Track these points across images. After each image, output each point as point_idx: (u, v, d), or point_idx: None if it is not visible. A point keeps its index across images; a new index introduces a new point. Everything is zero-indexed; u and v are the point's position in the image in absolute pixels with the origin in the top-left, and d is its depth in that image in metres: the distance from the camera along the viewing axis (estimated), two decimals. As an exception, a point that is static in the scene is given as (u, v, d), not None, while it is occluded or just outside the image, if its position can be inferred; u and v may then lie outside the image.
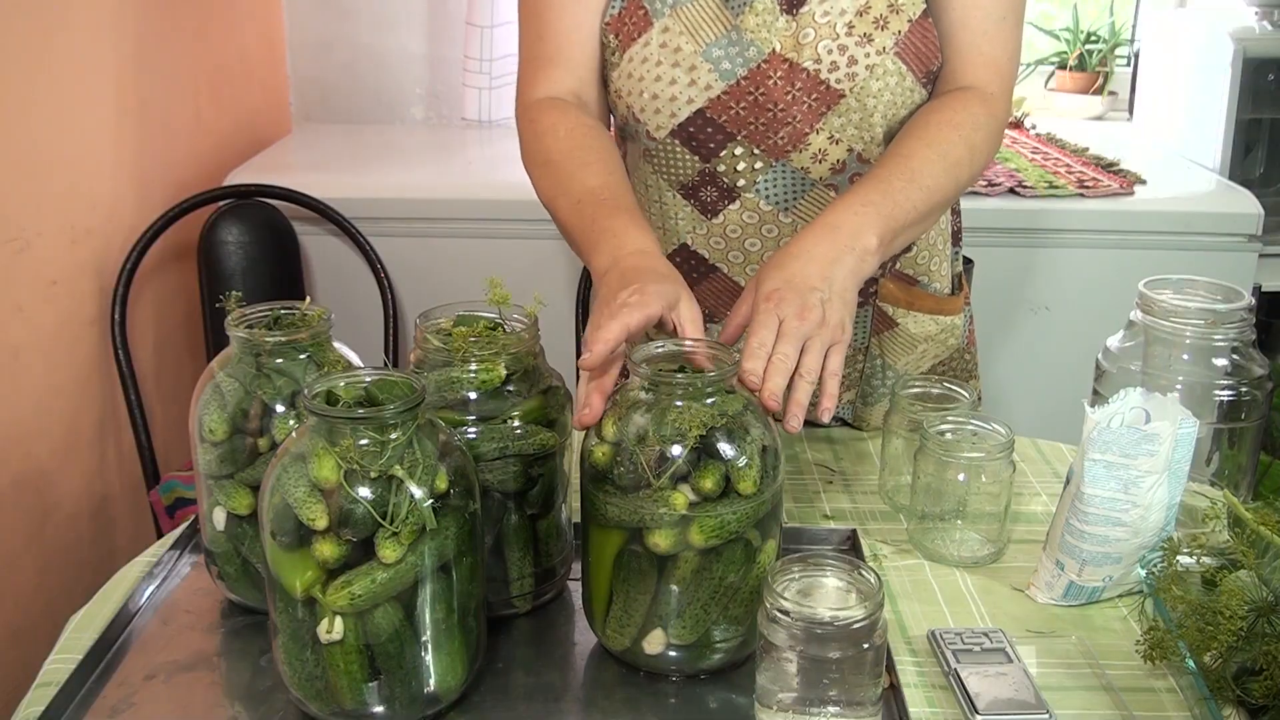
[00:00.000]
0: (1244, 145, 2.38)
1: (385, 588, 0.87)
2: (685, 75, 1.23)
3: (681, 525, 0.91)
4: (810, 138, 1.25)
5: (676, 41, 1.22)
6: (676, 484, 0.91)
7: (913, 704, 0.93)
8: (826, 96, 1.23)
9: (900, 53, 1.22)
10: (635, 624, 0.96)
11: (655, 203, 1.34)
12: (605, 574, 0.96)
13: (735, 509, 0.92)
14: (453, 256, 2.22)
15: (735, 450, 0.92)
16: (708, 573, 0.93)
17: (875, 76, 1.22)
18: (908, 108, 1.25)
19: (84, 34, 1.83)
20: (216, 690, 0.98)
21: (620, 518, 0.93)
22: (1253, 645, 0.89)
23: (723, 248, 1.32)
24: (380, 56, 2.79)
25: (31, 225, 1.67)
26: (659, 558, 0.93)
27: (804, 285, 1.03)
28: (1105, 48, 2.90)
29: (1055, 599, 1.07)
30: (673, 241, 1.34)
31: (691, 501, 0.91)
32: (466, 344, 1.00)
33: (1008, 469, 1.12)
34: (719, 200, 1.30)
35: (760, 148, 1.25)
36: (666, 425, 0.91)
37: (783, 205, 1.29)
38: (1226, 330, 1.13)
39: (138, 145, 2.01)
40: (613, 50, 1.26)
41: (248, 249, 2.11)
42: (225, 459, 1.02)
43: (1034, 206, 2.18)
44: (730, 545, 0.93)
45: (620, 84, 1.26)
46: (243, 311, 1.05)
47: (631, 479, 0.92)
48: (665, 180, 1.31)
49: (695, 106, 1.24)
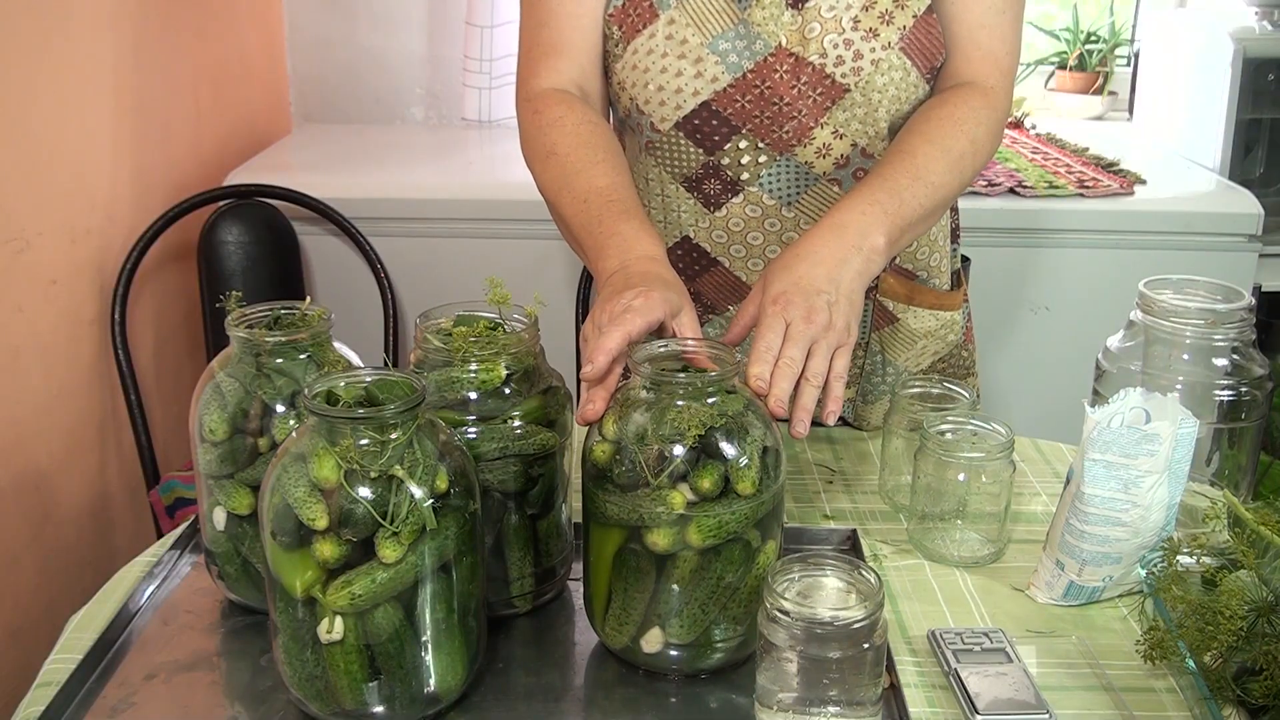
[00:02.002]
0: (1244, 145, 2.38)
1: (385, 588, 0.87)
2: (691, 67, 1.23)
3: (680, 525, 0.91)
4: (815, 132, 1.25)
5: (683, 34, 1.22)
6: (675, 483, 0.91)
7: (913, 704, 0.93)
8: (831, 91, 1.23)
9: (905, 48, 1.22)
10: (634, 622, 0.96)
11: (657, 195, 1.33)
12: (605, 572, 0.96)
13: (734, 509, 0.92)
14: (453, 256, 2.22)
15: (735, 450, 0.92)
16: (706, 572, 0.93)
17: (880, 71, 1.22)
18: (912, 103, 1.26)
19: (84, 34, 1.83)
20: (216, 690, 0.98)
21: (619, 516, 0.93)
22: (1253, 645, 0.89)
23: (725, 241, 1.32)
24: (380, 56, 2.79)
25: (31, 225, 1.67)
26: (658, 557, 0.93)
27: (811, 288, 1.03)
28: (1105, 48, 2.90)
29: (1055, 599, 1.07)
30: (674, 234, 1.34)
31: (690, 501, 0.91)
32: (466, 344, 1.00)
33: (1008, 469, 1.12)
34: (722, 194, 1.30)
35: (765, 141, 1.25)
36: (666, 424, 0.91)
37: (786, 200, 1.29)
38: (1226, 330, 1.13)
39: (138, 145, 2.01)
40: (616, 42, 1.25)
41: (248, 249, 2.11)
42: (225, 459, 1.02)
43: (1034, 206, 2.18)
44: (729, 545, 0.93)
45: (624, 75, 1.26)
46: (243, 311, 1.05)
47: (631, 478, 0.92)
48: (668, 173, 1.31)
49: (701, 99, 1.24)
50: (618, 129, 1.37)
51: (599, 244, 1.09)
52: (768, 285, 1.05)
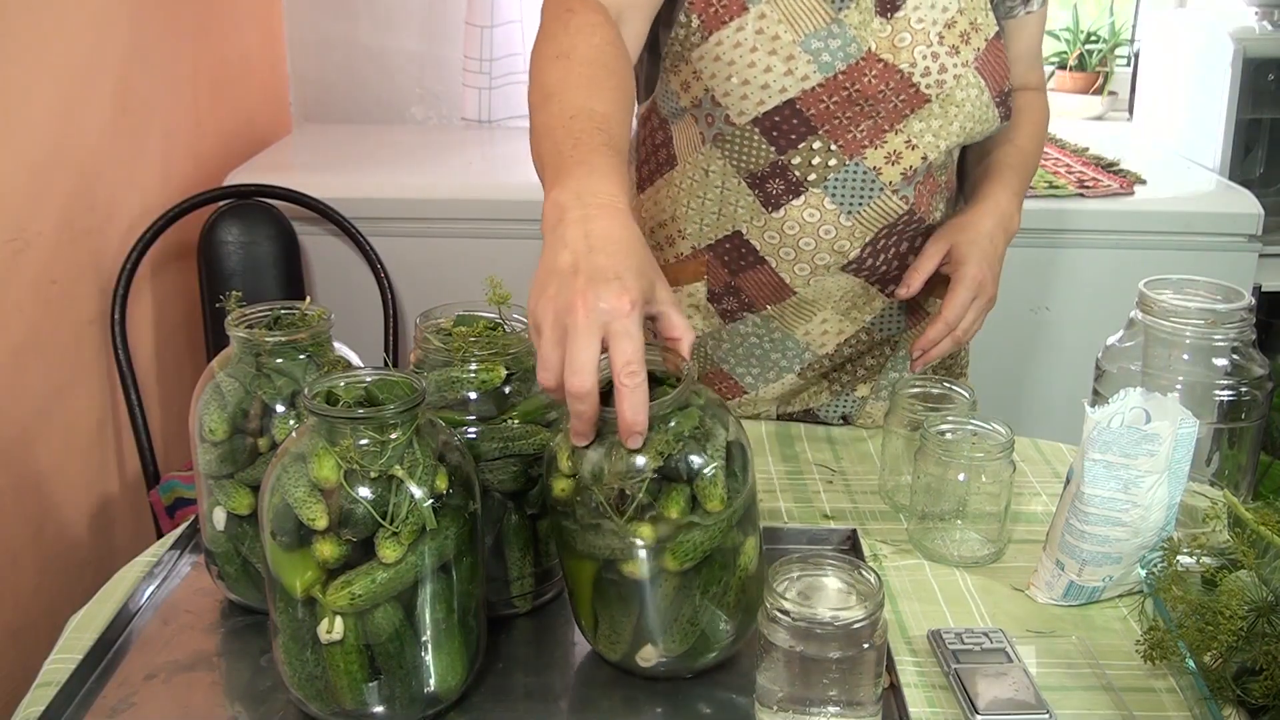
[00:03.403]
0: (1244, 145, 2.38)
1: (385, 588, 0.87)
2: (782, 64, 1.22)
3: (654, 552, 0.89)
4: (888, 136, 1.26)
5: (774, 29, 1.22)
6: (644, 515, 0.87)
7: (913, 704, 0.93)
8: (913, 99, 1.25)
9: (980, 67, 1.27)
10: (625, 640, 0.95)
11: (716, 188, 1.32)
12: (586, 598, 0.95)
13: (707, 526, 0.89)
14: (453, 256, 2.22)
15: (699, 465, 0.88)
16: (690, 589, 0.91)
17: (960, 87, 1.26)
18: (983, 123, 1.30)
19: (84, 34, 1.83)
20: (216, 690, 0.98)
21: (590, 551, 0.91)
22: (1253, 645, 0.89)
23: (776, 242, 1.32)
24: (380, 56, 2.79)
25: (31, 225, 1.67)
26: (637, 582, 0.91)
27: (994, 272, 1.30)
28: (1105, 48, 2.90)
29: (1055, 599, 1.07)
30: (726, 227, 1.33)
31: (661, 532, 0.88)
32: (466, 344, 1.00)
33: (1008, 469, 1.12)
34: (784, 194, 1.29)
35: (838, 143, 1.26)
36: (621, 460, 0.86)
37: (847, 208, 1.29)
38: (1226, 330, 1.13)
39: (138, 145, 2.01)
40: (693, 31, 1.24)
41: (248, 249, 2.12)
42: (225, 459, 1.02)
43: (1034, 206, 2.18)
44: (708, 561, 0.91)
45: (702, 66, 1.25)
46: (243, 311, 1.05)
47: (595, 517, 0.89)
48: (733, 166, 1.30)
49: (787, 96, 1.24)
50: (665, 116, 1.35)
51: (564, 166, 0.95)
52: (965, 259, 1.27)
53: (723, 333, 1.40)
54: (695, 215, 1.34)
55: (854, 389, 1.46)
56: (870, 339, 1.41)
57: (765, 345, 1.40)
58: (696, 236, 1.35)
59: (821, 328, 1.38)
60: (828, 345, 1.40)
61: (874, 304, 1.38)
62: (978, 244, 1.28)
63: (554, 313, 0.84)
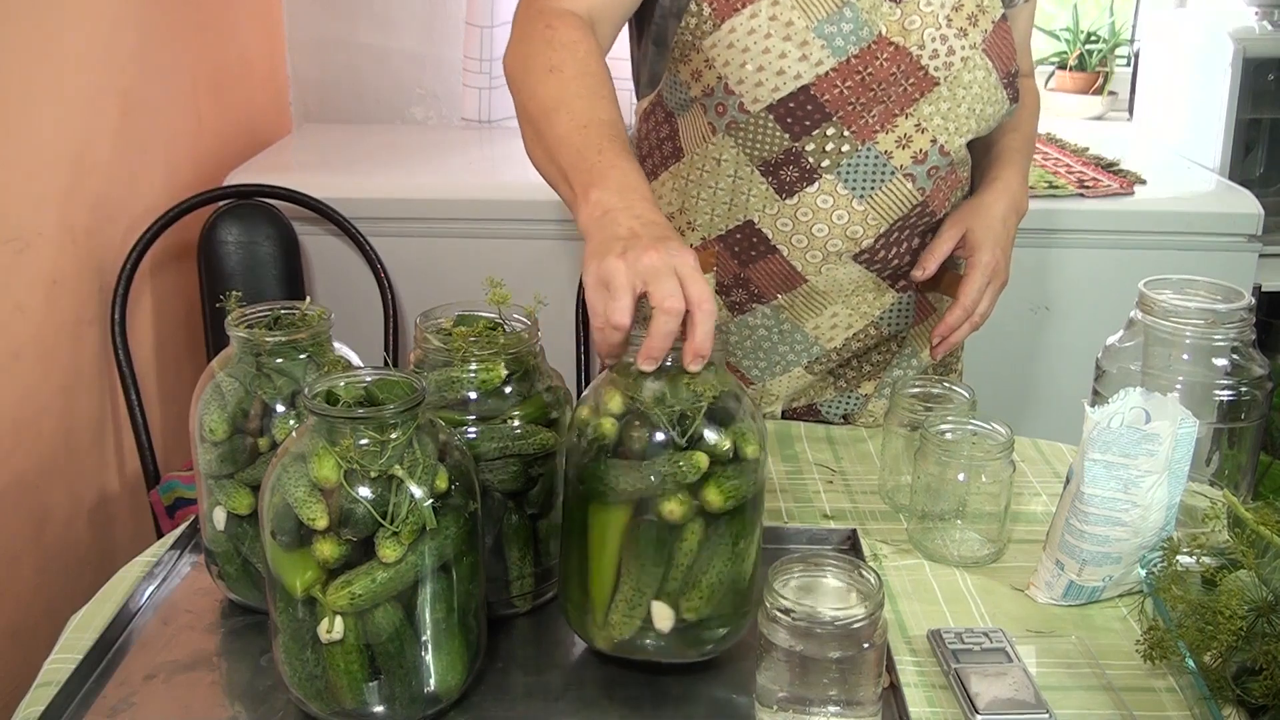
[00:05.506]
0: (1244, 145, 2.38)
1: (385, 587, 0.87)
2: (796, 50, 1.23)
3: (695, 490, 0.91)
4: (899, 120, 1.27)
5: (788, 15, 1.22)
6: (696, 444, 0.92)
7: (913, 704, 0.93)
8: (923, 83, 1.26)
9: (987, 49, 1.28)
10: (646, 603, 0.94)
11: (729, 177, 1.32)
12: (610, 558, 0.94)
13: (744, 471, 0.93)
14: (453, 256, 2.21)
15: (736, 414, 0.94)
16: (720, 539, 0.93)
17: (968, 69, 1.27)
18: (992, 104, 1.31)
19: (84, 33, 1.83)
20: (216, 690, 0.98)
21: (631, 489, 0.92)
22: (1253, 645, 0.89)
23: (789, 230, 1.32)
24: (380, 56, 2.79)
25: (31, 225, 1.67)
26: (670, 529, 0.92)
27: (1006, 256, 1.34)
28: (1105, 48, 2.90)
29: (1055, 599, 1.07)
30: (738, 217, 1.34)
31: (710, 464, 0.92)
32: (466, 344, 1.00)
33: (1008, 469, 1.12)
34: (798, 181, 1.29)
35: (851, 129, 1.26)
36: (682, 388, 0.92)
37: (860, 192, 1.29)
38: (1226, 330, 1.13)
39: (138, 145, 2.01)
40: (704, 19, 1.24)
41: (248, 249, 2.11)
42: (225, 459, 1.02)
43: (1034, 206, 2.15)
44: (738, 511, 0.94)
45: (715, 54, 1.25)
46: (243, 311, 1.05)
47: (644, 445, 0.92)
48: (746, 154, 1.30)
49: (801, 82, 1.24)
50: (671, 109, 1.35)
51: (596, 170, 1.01)
52: (979, 244, 1.31)
53: (730, 325, 1.41)
54: (706, 206, 1.34)
55: (859, 385, 1.46)
56: (879, 334, 1.42)
57: (774, 338, 1.40)
58: (706, 227, 1.36)
59: (831, 321, 1.38)
60: (836, 339, 1.40)
61: (884, 299, 1.39)
62: (992, 229, 1.32)
63: (627, 263, 0.91)
